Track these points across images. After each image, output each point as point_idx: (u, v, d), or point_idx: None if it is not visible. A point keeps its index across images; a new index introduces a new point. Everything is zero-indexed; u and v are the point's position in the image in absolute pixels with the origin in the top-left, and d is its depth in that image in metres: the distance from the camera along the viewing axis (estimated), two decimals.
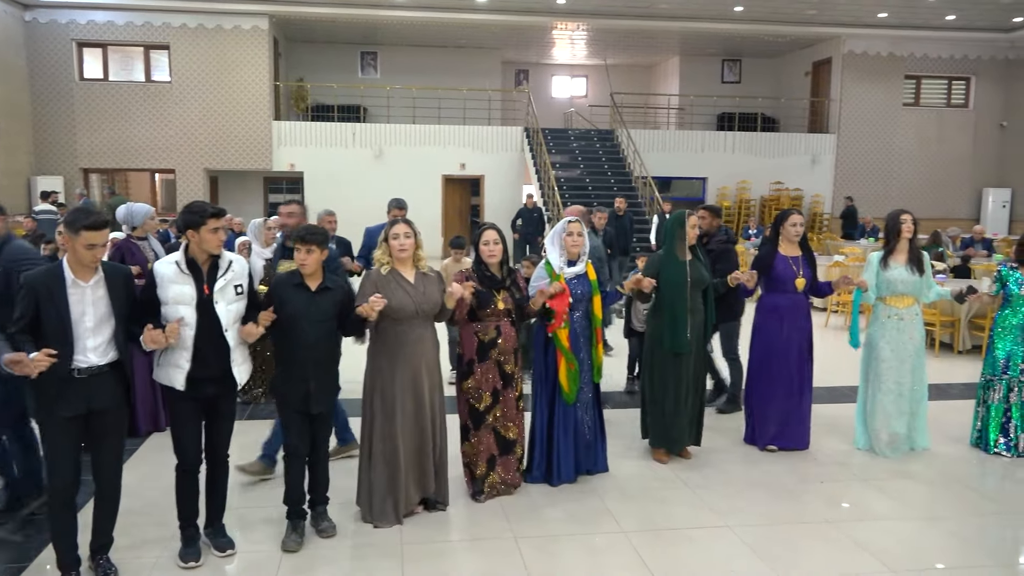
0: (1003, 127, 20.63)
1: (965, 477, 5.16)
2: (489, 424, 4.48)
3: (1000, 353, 5.44)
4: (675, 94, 22.32)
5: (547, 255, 4.75)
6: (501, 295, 4.43)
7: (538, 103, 20.74)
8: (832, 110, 20.24)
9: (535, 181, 18.05)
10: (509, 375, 4.48)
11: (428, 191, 18.99)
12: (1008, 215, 20.40)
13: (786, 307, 5.32)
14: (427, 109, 19.43)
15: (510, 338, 4.46)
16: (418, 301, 4.11)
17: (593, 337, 4.77)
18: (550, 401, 4.71)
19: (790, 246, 5.37)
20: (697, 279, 5.05)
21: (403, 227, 4.16)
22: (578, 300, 4.68)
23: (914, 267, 5.33)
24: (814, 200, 20.04)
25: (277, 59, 19.27)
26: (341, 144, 18.73)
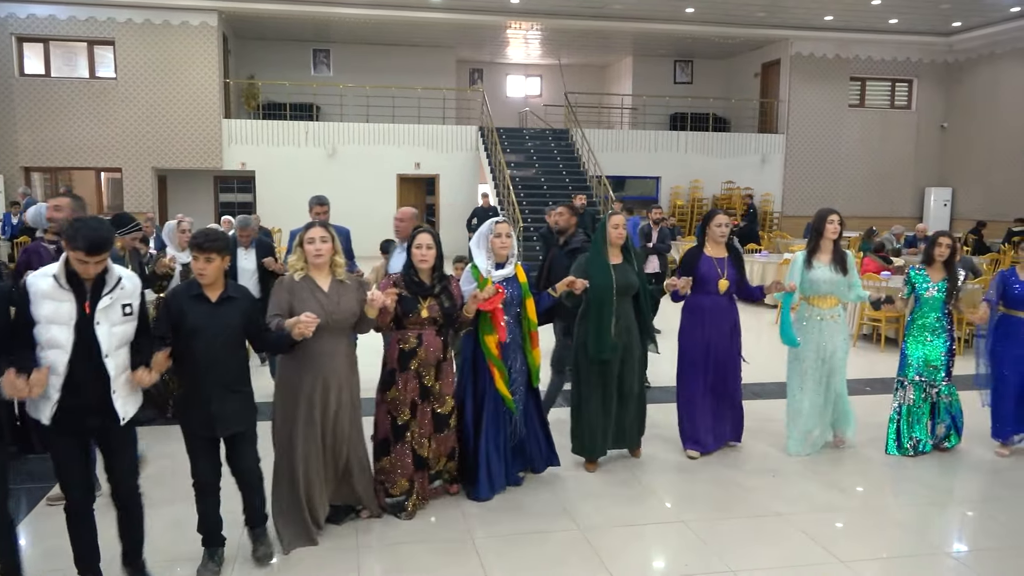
0: (943, 128, 21.29)
1: (903, 469, 5.28)
2: (408, 441, 4.22)
3: (911, 355, 5.45)
4: (628, 94, 22.54)
5: (473, 258, 4.51)
6: (427, 303, 4.16)
7: (493, 102, 20.76)
8: (781, 111, 20.66)
9: (490, 180, 18.06)
10: (428, 388, 4.22)
11: (383, 190, 18.87)
12: (949, 213, 21.06)
13: (709, 308, 5.20)
14: (381, 108, 19.31)
15: (432, 348, 4.19)
16: (329, 311, 3.81)
17: (527, 341, 4.59)
18: (476, 412, 4.52)
19: (716, 247, 5.26)
20: (625, 284, 4.86)
21: (319, 231, 3.85)
22: (508, 304, 4.46)
23: (838, 267, 5.28)
24: (764, 199, 20.43)
25: (227, 56, 18.94)
26: (293, 143, 18.50)
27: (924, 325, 5.42)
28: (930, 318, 5.41)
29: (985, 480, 5.19)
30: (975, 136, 20.23)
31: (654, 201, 19.87)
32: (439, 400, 4.27)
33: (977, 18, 18.66)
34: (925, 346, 5.42)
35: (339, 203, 19.62)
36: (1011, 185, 19.11)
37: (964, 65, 20.61)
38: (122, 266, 5.29)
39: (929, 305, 5.41)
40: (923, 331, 5.43)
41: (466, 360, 4.54)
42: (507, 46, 22.20)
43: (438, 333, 4.24)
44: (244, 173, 18.65)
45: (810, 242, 5.42)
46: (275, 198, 17.61)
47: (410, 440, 4.22)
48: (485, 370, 4.47)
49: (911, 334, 5.48)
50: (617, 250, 4.91)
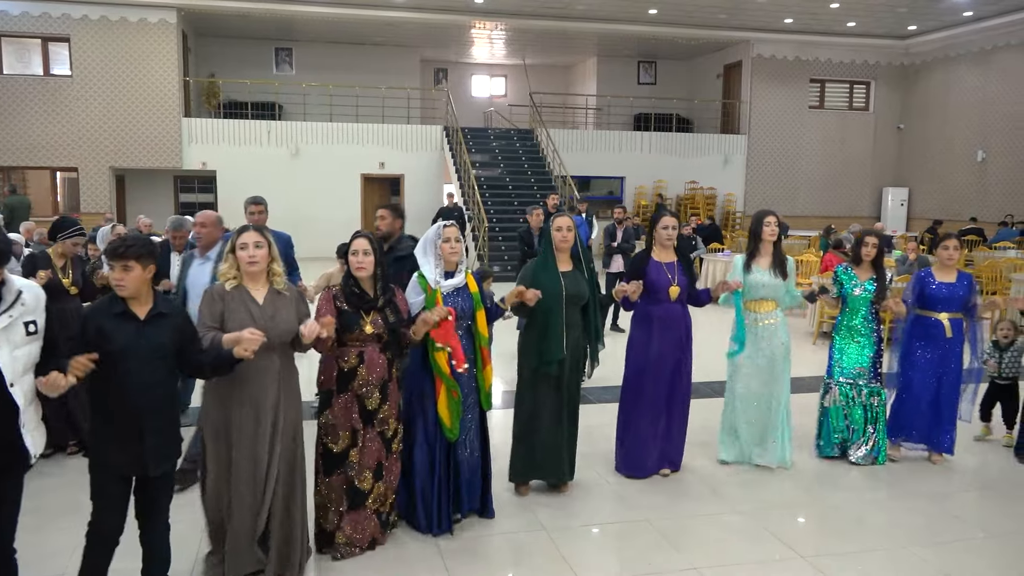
0: (900, 129, 21.77)
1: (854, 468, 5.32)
2: (344, 471, 3.78)
3: (840, 357, 5.35)
4: (593, 94, 22.67)
5: (420, 267, 4.08)
6: (370, 317, 3.73)
7: (457, 102, 20.73)
8: (743, 112, 20.95)
9: (455, 180, 18.04)
10: (371, 412, 3.77)
11: (347, 190, 18.74)
12: (906, 213, 21.53)
13: (659, 317, 4.84)
14: (344, 107, 19.18)
15: (375, 368, 3.75)
16: (263, 326, 3.32)
17: (479, 358, 4.12)
18: (429, 437, 4.05)
19: (664, 251, 4.92)
20: (574, 292, 4.47)
21: (253, 235, 3.41)
22: (459, 317, 4.03)
23: (777, 271, 5.10)
24: (727, 199, 20.69)
25: (186, 54, 18.66)
26: (255, 142, 18.29)
27: (852, 326, 5.31)
28: (857, 318, 5.30)
29: (940, 479, 5.28)
30: (930, 137, 20.72)
31: (619, 201, 20.01)
32: (386, 424, 3.85)
33: (932, 22, 19.11)
34: (853, 348, 5.31)
35: (303, 203, 19.58)
36: (965, 185, 19.61)
37: (919, 68, 21.10)
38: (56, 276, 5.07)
39: (856, 305, 5.31)
40: (851, 332, 5.32)
41: (413, 376, 4.08)
42: (472, 46, 22.19)
43: (382, 350, 3.81)
44: (205, 173, 18.38)
45: (749, 245, 5.24)
46: (237, 198, 17.23)
47: (346, 472, 3.78)
48: (432, 386, 4.00)
49: (840, 336, 5.37)
50: (566, 256, 4.53)
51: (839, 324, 5.40)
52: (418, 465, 4.06)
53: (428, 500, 4.08)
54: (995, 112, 18.71)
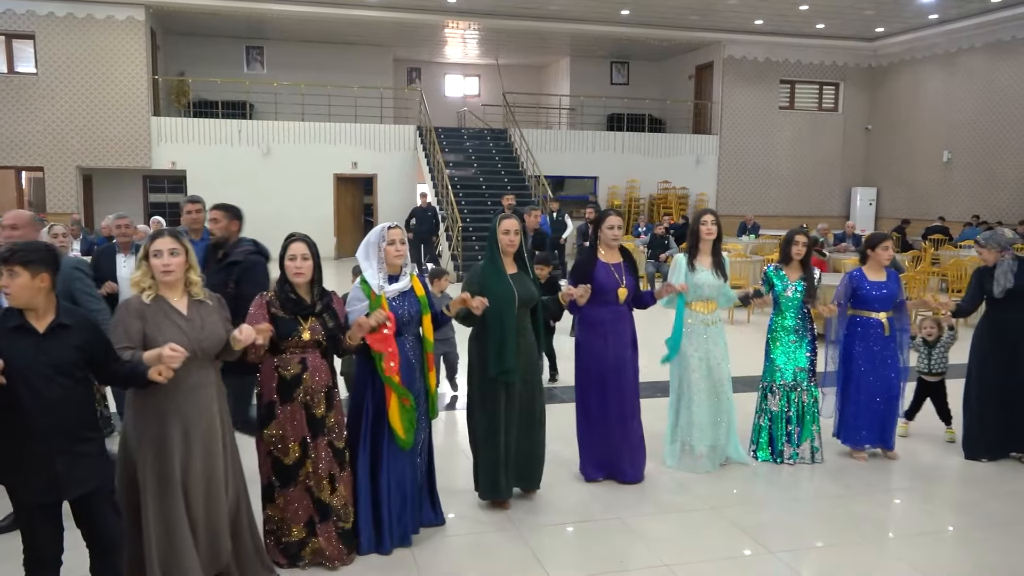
0: (868, 130, 22.10)
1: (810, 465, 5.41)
2: (301, 482, 3.65)
3: (777, 358, 5.29)
4: (566, 95, 22.74)
5: (362, 272, 3.91)
6: (308, 323, 3.61)
7: (431, 102, 20.69)
8: (714, 112, 21.13)
9: (429, 180, 18.01)
10: (320, 420, 3.65)
11: (319, 190, 18.63)
12: (874, 212, 21.87)
13: (610, 321, 4.73)
14: (317, 106, 19.06)
15: (320, 374, 3.64)
16: (195, 338, 3.13)
17: (425, 365, 4.00)
18: (374, 448, 3.87)
19: (610, 252, 4.82)
20: (525, 296, 4.31)
21: (167, 241, 3.15)
22: (406, 323, 3.88)
23: (718, 271, 5.08)
24: (699, 199, 20.86)
25: (155, 52, 18.43)
26: (226, 142, 18.12)
27: (786, 327, 5.28)
28: (790, 319, 5.27)
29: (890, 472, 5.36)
30: (898, 138, 21.06)
31: (593, 200, 20.10)
32: (334, 433, 3.72)
33: (899, 24, 19.42)
34: (789, 348, 5.27)
35: (275, 203, 19.41)
36: (932, 185, 19.96)
37: (887, 69, 21.43)
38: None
39: (788, 305, 5.28)
40: (786, 334, 5.27)
41: (360, 388, 3.92)
42: (445, 45, 22.16)
43: (323, 356, 3.69)
44: (175, 173, 18.18)
45: (689, 244, 5.21)
46: (208, 198, 17.09)
47: (304, 481, 3.65)
48: (381, 395, 3.84)
49: (774, 338, 5.32)
50: (511, 258, 4.38)
51: (773, 325, 5.35)
52: (362, 477, 3.87)
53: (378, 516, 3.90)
54: (960, 113, 19.07)
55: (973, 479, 5.20)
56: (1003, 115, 18.04)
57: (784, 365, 5.29)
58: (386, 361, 3.77)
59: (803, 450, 5.33)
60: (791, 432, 5.32)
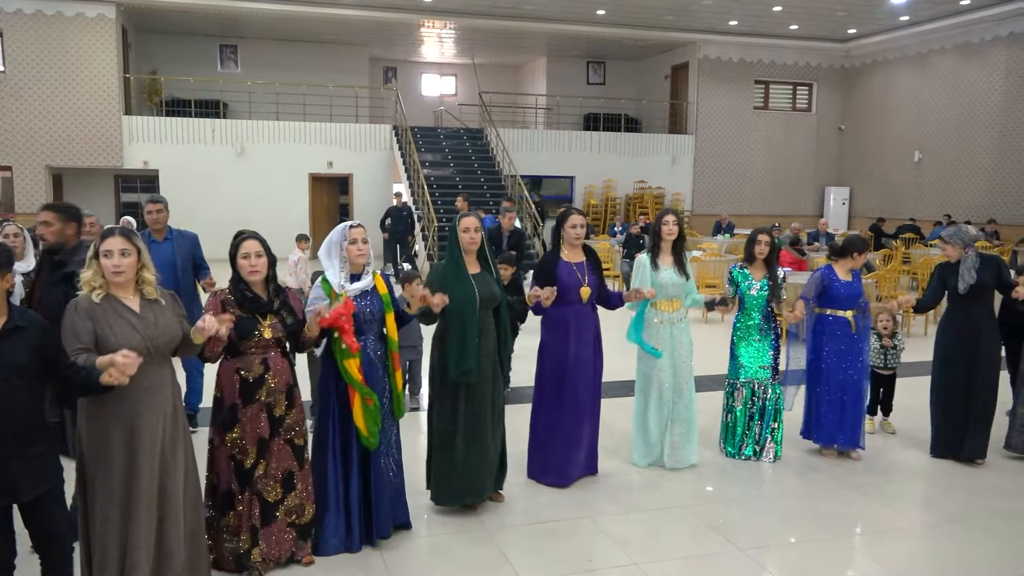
0: (841, 130, 22.35)
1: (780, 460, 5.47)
2: (254, 485, 3.61)
3: (741, 356, 5.35)
4: (543, 94, 22.77)
5: (324, 270, 3.91)
6: (268, 321, 3.59)
7: (407, 101, 20.64)
8: (690, 112, 21.27)
9: (405, 180, 17.96)
10: (279, 420, 3.63)
11: (295, 190, 18.52)
12: (847, 211, 22.13)
13: (574, 319, 4.72)
14: (291, 106, 18.94)
15: (281, 373, 3.63)
16: (149, 336, 3.08)
17: (390, 363, 3.97)
18: (344, 447, 3.87)
19: (573, 251, 4.80)
20: (488, 295, 4.27)
21: (118, 241, 3.08)
22: (368, 321, 3.86)
23: (680, 269, 5.12)
24: (675, 198, 20.98)
25: (126, 50, 18.21)
26: (200, 141, 17.96)
27: (750, 326, 5.34)
28: (755, 318, 5.33)
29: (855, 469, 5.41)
30: (870, 138, 21.32)
31: (569, 200, 20.16)
32: (294, 431, 3.70)
33: (871, 26, 19.66)
34: (754, 346, 5.33)
35: (249, 203, 19.27)
36: (903, 185, 20.24)
37: (860, 70, 21.68)
38: None
39: (753, 304, 5.34)
40: (750, 332, 5.33)
41: (326, 388, 3.90)
42: (421, 45, 22.10)
43: (283, 355, 3.69)
44: (147, 172, 17.99)
45: (650, 244, 5.24)
46: (181, 198, 16.99)
47: (256, 484, 3.61)
48: (346, 395, 3.83)
49: (739, 336, 5.38)
50: (473, 257, 4.32)
51: (738, 324, 5.41)
52: (333, 477, 3.86)
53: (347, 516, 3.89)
54: (931, 113, 19.35)
55: (936, 476, 5.28)
56: (972, 116, 18.33)
57: (748, 363, 5.34)
58: (346, 335, 3.73)
59: (767, 447, 5.40)
60: (754, 428, 5.39)
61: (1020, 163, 17.39)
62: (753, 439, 5.40)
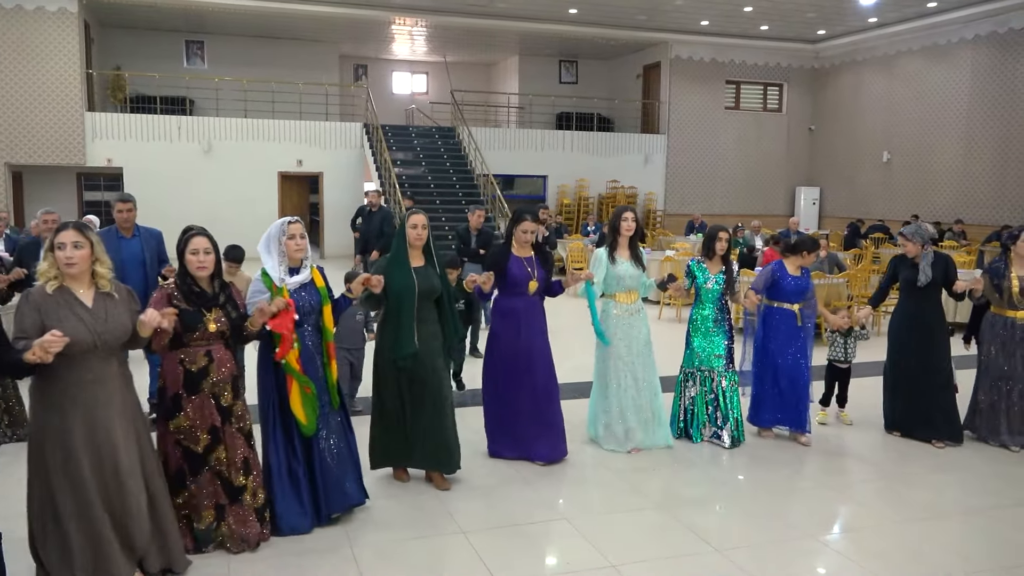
0: (811, 131, 22.61)
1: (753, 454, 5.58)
2: (213, 467, 3.80)
3: (696, 346, 5.65)
4: (515, 93, 22.75)
5: (263, 263, 4.09)
6: (213, 314, 3.74)
7: (378, 99, 20.49)
8: (662, 112, 21.38)
9: (376, 179, 17.84)
10: (227, 409, 3.81)
11: (263, 189, 18.31)
12: (818, 211, 22.39)
13: (522, 310, 5.14)
14: (260, 103, 18.71)
15: (225, 365, 3.81)
16: (98, 330, 3.22)
17: (325, 354, 4.20)
18: (287, 433, 4.09)
19: (522, 248, 5.20)
20: (426, 287, 4.64)
21: (71, 234, 3.23)
22: (307, 313, 4.10)
23: (636, 262, 5.48)
24: (648, 198, 21.08)
25: (89, 45, 17.87)
26: (165, 138, 17.68)
27: (705, 317, 5.65)
28: (710, 309, 5.64)
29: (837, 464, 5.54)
30: (840, 138, 21.59)
31: (542, 200, 20.15)
32: (243, 421, 3.90)
33: (839, 27, 19.90)
34: (707, 336, 5.63)
35: (217, 202, 18.97)
36: (872, 185, 20.52)
37: (829, 71, 21.95)
38: None
39: (708, 297, 5.65)
40: (705, 323, 5.64)
41: (266, 374, 4.09)
42: (392, 42, 21.97)
43: (227, 347, 3.86)
44: (111, 170, 17.66)
45: (608, 238, 5.56)
46: (147, 196, 16.63)
47: (215, 466, 3.80)
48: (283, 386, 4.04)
49: (694, 326, 5.69)
50: (418, 252, 4.70)
51: (693, 316, 5.73)
52: (276, 463, 4.09)
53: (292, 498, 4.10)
54: (899, 114, 19.63)
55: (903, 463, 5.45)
56: (939, 117, 18.64)
57: (703, 352, 5.65)
58: (284, 345, 3.94)
59: (724, 433, 5.65)
60: (711, 414, 5.68)
61: (985, 164, 17.71)
62: (711, 422, 5.70)
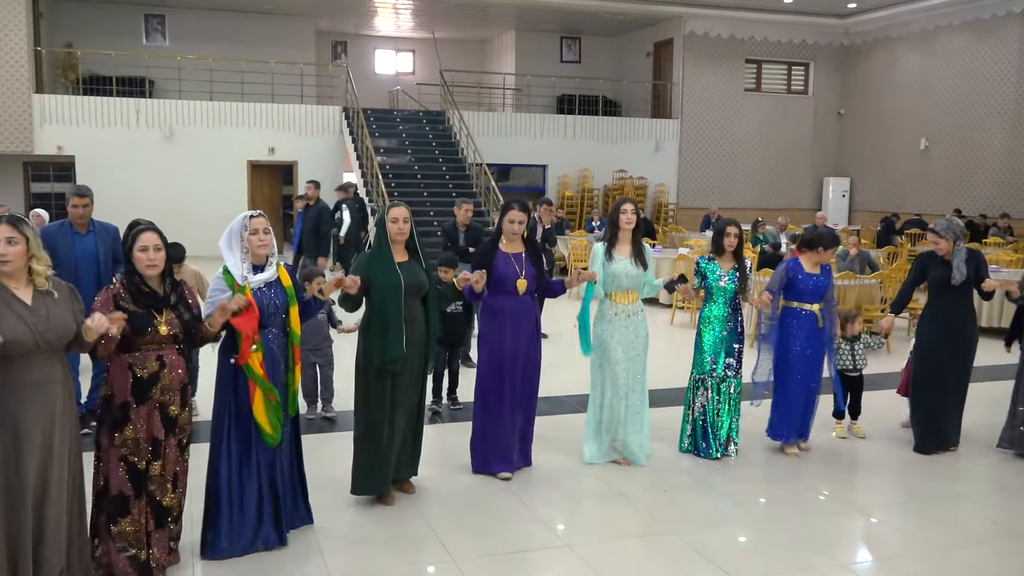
0: (841, 115, 22.70)
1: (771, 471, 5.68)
2: (150, 489, 3.77)
3: (707, 350, 5.71)
4: (511, 73, 22.80)
5: (225, 260, 4.14)
6: (164, 316, 3.75)
7: (359, 80, 20.53)
8: (675, 94, 21.46)
9: (356, 168, 17.87)
10: (173, 419, 3.80)
11: (231, 179, 18.36)
12: (848, 204, 22.47)
13: (511, 310, 5.21)
14: (227, 84, 18.73)
15: (176, 370, 3.80)
16: (39, 329, 3.29)
17: (290, 358, 4.24)
18: (243, 446, 4.12)
19: (511, 243, 5.25)
20: (414, 284, 4.74)
21: (5, 229, 3.30)
22: (271, 314, 4.14)
23: (637, 260, 5.49)
24: (659, 189, 21.14)
25: (38, 20, 17.90)
26: (122, 123, 17.72)
27: (716, 316, 5.71)
28: (721, 308, 5.71)
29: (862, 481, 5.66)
30: (872, 123, 21.68)
31: (541, 192, 20.20)
32: (184, 432, 3.90)
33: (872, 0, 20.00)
34: (719, 339, 5.71)
35: (180, 194, 18.95)
36: (908, 176, 20.58)
37: (860, 49, 22.05)
38: None
39: (719, 294, 5.71)
40: (717, 323, 5.71)
41: (226, 380, 4.12)
42: (375, 16, 22.02)
43: (179, 352, 3.86)
44: (62, 159, 17.69)
45: (607, 233, 5.61)
46: (102, 188, 16.64)
47: (152, 488, 3.78)
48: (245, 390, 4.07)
49: (705, 328, 5.75)
50: (401, 247, 4.80)
51: (704, 315, 5.80)
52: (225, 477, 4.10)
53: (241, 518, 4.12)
54: (938, 97, 19.72)
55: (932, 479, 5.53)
56: (982, 99, 18.71)
57: (714, 355, 5.72)
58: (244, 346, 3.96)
59: (732, 446, 5.80)
60: (716, 424, 5.75)
61: None
62: (716, 435, 5.76)
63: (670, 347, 9.39)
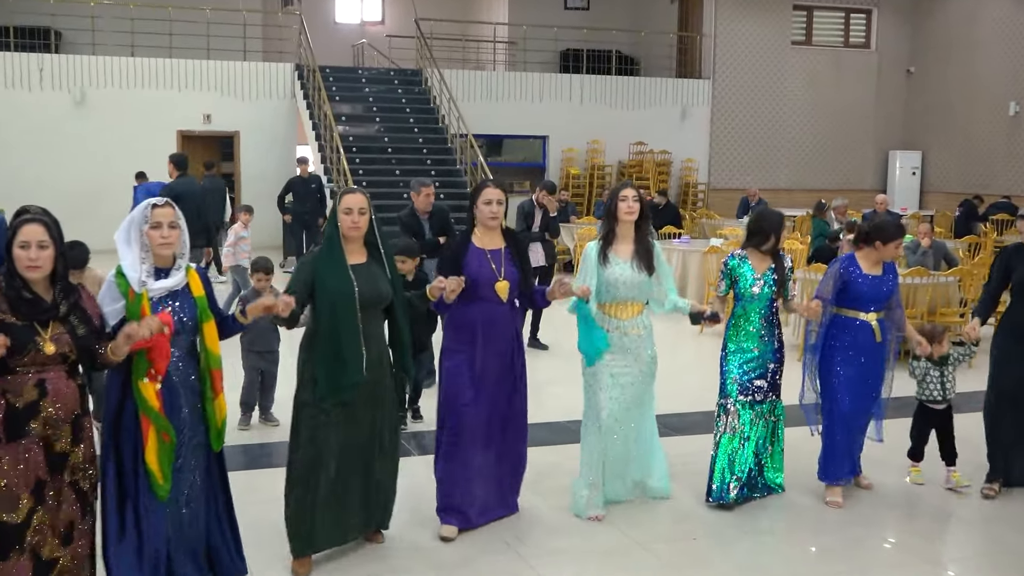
0: (910, 73, 22.68)
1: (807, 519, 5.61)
2: (27, 545, 3.61)
3: (735, 371, 5.51)
4: (503, 23, 22.77)
5: (120, 260, 3.97)
6: (51, 331, 3.61)
7: (315, 32, 20.43)
8: (706, 49, 21.44)
9: (312, 140, 17.84)
10: (61, 456, 3.67)
11: (157, 152, 18.09)
12: (919, 185, 22.44)
13: (481, 322, 4.94)
14: (153, 36, 18.66)
15: (65, 399, 3.65)
16: None
17: (207, 385, 4.08)
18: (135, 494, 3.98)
19: (489, 234, 5.01)
20: (372, 292, 4.51)
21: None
22: (176, 333, 3.94)
23: (640, 263, 5.23)
24: (686, 166, 21.10)
25: None
26: (21, 84, 17.73)
27: (748, 331, 5.51)
28: (754, 320, 5.50)
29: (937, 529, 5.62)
30: (949, 85, 21.64)
31: (541, 169, 20.16)
32: (80, 471, 3.77)
33: None
34: (752, 356, 5.50)
35: (93, 169, 18.92)
36: (994, 149, 20.54)
37: None
38: None
39: (753, 303, 5.49)
40: (747, 339, 5.51)
41: (110, 411, 4.00)
42: None
43: (70, 375, 3.71)
44: None
45: (603, 228, 5.37)
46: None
47: (31, 541, 3.61)
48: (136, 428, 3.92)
49: (732, 341, 5.55)
50: (357, 245, 4.58)
51: (732, 328, 5.59)
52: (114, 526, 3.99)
53: None
54: None
55: None
56: None
57: (745, 377, 5.48)
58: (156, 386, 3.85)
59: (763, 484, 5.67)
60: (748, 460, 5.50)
61: None
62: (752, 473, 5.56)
63: (699, 360, 9.31)
